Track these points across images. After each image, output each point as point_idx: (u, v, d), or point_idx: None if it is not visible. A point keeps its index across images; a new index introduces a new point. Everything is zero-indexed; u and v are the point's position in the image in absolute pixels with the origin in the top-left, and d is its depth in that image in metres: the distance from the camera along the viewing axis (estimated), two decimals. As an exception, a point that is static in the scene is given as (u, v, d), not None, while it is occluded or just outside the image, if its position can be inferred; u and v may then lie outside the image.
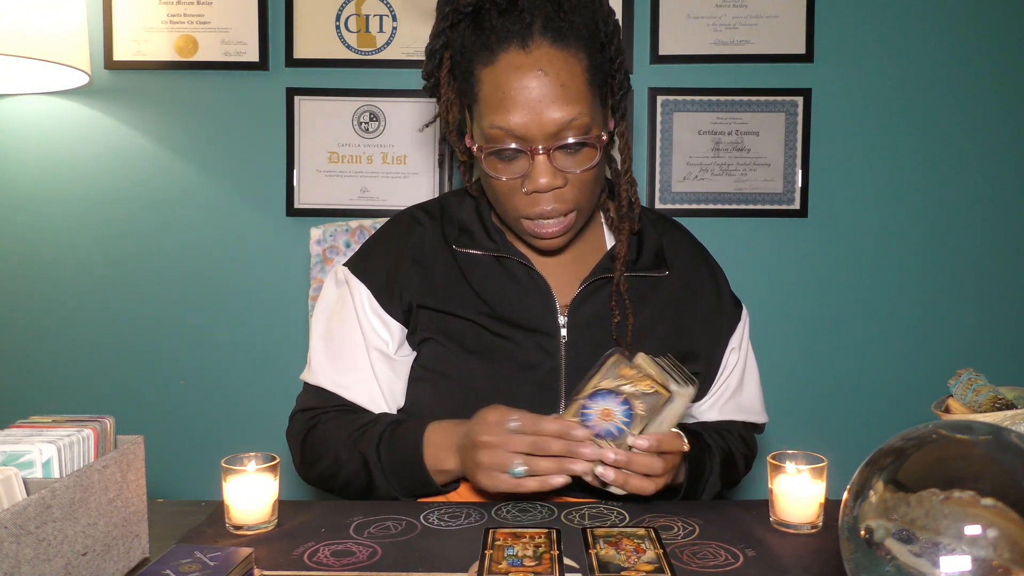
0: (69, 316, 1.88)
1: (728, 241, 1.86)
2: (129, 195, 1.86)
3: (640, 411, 0.81)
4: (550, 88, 0.84)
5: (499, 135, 0.86)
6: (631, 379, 0.81)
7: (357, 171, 1.85)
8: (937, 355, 1.88)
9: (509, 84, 0.85)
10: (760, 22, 1.82)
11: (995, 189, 1.86)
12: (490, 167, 0.90)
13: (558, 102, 0.84)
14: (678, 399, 0.82)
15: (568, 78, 0.85)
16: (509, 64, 0.85)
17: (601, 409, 0.82)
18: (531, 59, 0.84)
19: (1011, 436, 0.51)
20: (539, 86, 0.84)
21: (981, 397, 0.75)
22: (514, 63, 0.85)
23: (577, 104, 0.85)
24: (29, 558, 0.58)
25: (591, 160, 0.89)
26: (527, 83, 0.84)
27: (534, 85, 0.84)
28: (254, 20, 1.81)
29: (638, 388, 0.81)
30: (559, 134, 0.85)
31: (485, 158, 0.90)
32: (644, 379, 0.81)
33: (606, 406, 0.81)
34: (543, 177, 0.87)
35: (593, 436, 0.81)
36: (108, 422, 0.73)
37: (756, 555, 0.76)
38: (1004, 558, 0.46)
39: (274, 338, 1.88)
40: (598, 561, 0.72)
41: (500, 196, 0.92)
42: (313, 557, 0.74)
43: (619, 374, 0.81)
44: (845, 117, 1.85)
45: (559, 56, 0.85)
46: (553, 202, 0.89)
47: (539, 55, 0.84)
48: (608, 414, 0.81)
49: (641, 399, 0.81)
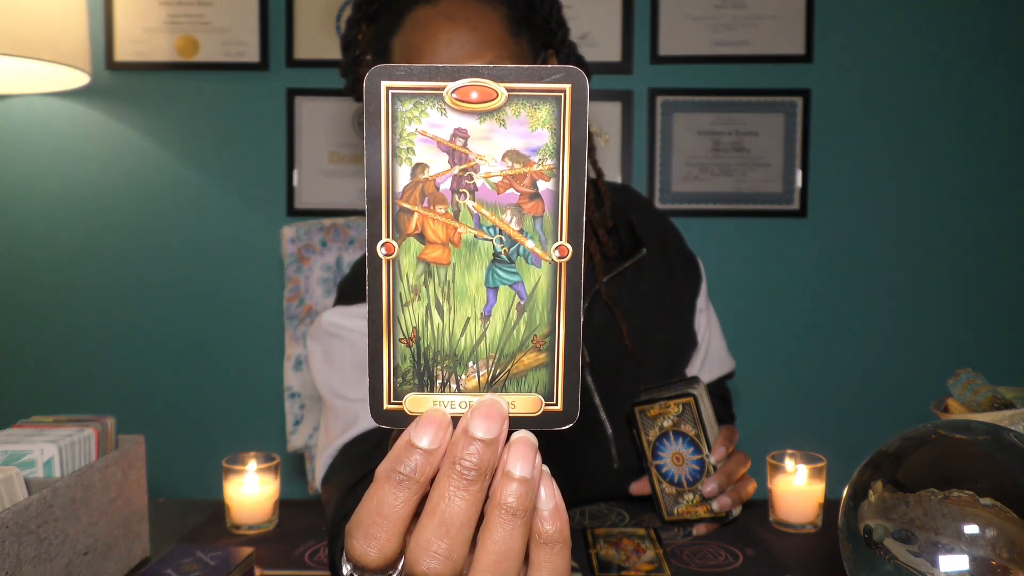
0: (70, 316, 1.88)
1: (727, 241, 1.86)
2: (130, 195, 1.86)
3: (691, 432, 0.83)
4: (458, 33, 0.79)
5: None
6: (661, 414, 0.84)
7: (358, 171, 1.85)
8: (936, 355, 1.88)
9: (417, 40, 0.80)
10: (759, 22, 1.82)
11: (995, 189, 1.86)
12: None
13: (469, 46, 0.78)
14: (700, 396, 0.84)
15: (480, 23, 0.80)
16: (415, 21, 0.81)
17: (671, 457, 0.85)
18: (436, 10, 0.80)
19: (1010, 436, 0.51)
20: (448, 34, 0.79)
21: (980, 397, 0.75)
22: (420, 18, 0.81)
23: (493, 47, 0.79)
24: (31, 557, 0.58)
25: None
26: (435, 33, 0.79)
27: (443, 35, 0.79)
28: (254, 20, 1.81)
29: (672, 414, 0.84)
30: None
31: None
32: (666, 406, 0.84)
33: (671, 452, 0.85)
34: None
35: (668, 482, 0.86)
36: (109, 422, 0.73)
37: (756, 555, 0.76)
38: (1003, 557, 0.47)
39: (275, 338, 1.88)
40: (598, 561, 0.72)
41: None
42: (313, 557, 0.74)
43: (651, 419, 0.85)
44: (844, 117, 1.85)
45: (469, 6, 0.80)
46: None
47: (446, 6, 0.80)
48: (679, 458, 0.84)
49: (683, 422, 0.83)
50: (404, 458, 0.31)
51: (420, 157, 0.32)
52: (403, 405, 0.33)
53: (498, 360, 0.33)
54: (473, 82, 0.31)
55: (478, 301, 0.33)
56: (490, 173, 0.32)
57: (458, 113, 0.32)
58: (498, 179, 0.32)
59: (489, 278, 0.33)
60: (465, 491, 0.30)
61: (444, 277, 0.32)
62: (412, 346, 0.33)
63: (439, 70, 0.31)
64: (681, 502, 0.84)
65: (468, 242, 0.32)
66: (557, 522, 0.32)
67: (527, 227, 0.32)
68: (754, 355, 1.81)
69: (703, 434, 0.83)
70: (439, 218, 0.32)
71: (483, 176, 0.32)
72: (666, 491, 0.85)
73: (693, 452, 0.83)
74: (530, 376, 0.33)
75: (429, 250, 0.32)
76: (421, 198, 0.32)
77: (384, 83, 0.31)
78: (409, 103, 0.31)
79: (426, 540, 0.30)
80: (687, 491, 0.84)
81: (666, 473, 0.85)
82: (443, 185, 0.32)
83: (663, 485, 0.85)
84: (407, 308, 0.33)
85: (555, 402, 0.33)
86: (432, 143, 0.32)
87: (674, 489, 0.85)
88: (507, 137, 0.32)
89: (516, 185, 0.32)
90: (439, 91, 0.31)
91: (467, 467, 0.30)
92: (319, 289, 1.27)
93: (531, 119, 0.32)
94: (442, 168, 0.32)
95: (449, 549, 0.30)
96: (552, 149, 0.32)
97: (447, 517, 0.30)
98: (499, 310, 0.33)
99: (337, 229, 1.28)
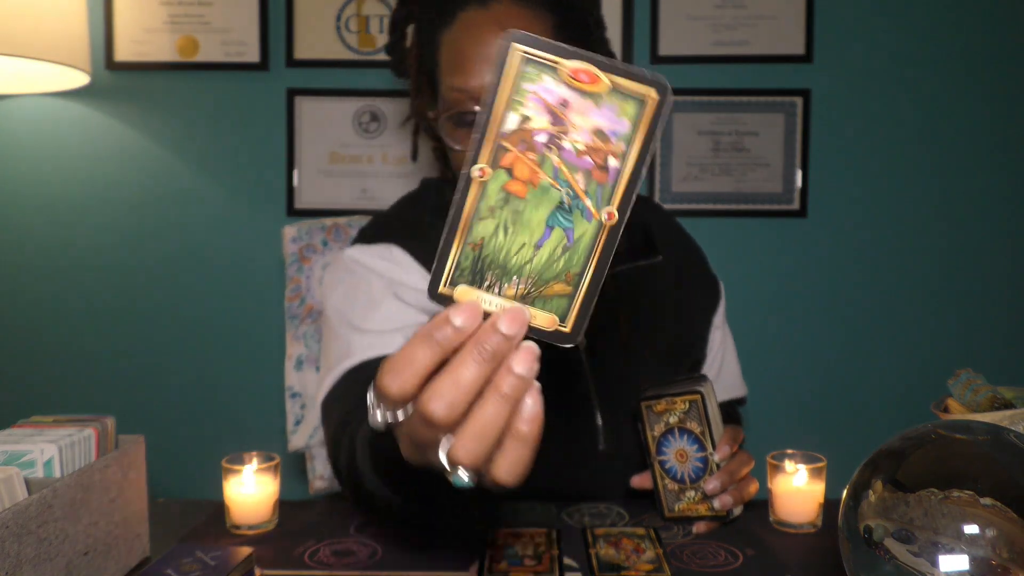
0: (69, 316, 1.88)
1: (727, 241, 1.86)
2: (130, 195, 1.86)
3: (697, 429, 0.84)
4: None
5: (458, 98, 0.83)
6: (667, 410, 0.85)
7: (357, 171, 1.85)
8: (936, 355, 1.88)
9: (467, 42, 0.82)
10: (759, 22, 1.82)
11: (995, 188, 1.86)
12: (449, 135, 0.86)
13: None
14: (708, 394, 0.84)
15: (529, 31, 0.82)
16: (467, 22, 0.82)
17: (675, 454, 0.85)
18: (490, 15, 0.82)
19: (1010, 436, 0.51)
20: (497, 40, 0.82)
21: (980, 397, 0.75)
22: (472, 21, 0.82)
23: None
24: (30, 557, 0.58)
25: None
26: (485, 39, 0.81)
27: (492, 41, 0.80)
28: (255, 21, 1.81)
29: (678, 411, 0.84)
30: None
31: (444, 125, 0.85)
32: (672, 402, 0.84)
33: (675, 449, 0.85)
34: None
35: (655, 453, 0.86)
36: (109, 422, 0.73)
37: (756, 555, 0.76)
38: (1003, 557, 0.47)
39: (275, 338, 1.88)
40: (598, 561, 0.72)
41: (459, 169, 0.91)
42: (313, 557, 0.74)
43: (657, 414, 0.85)
44: (844, 117, 1.85)
45: (520, 13, 0.82)
46: None
47: (498, 11, 0.82)
48: (683, 454, 0.85)
49: (689, 419, 0.84)
50: (440, 327, 0.39)
51: (528, 111, 0.39)
52: (453, 292, 0.41)
53: (536, 281, 0.41)
54: (587, 67, 0.38)
55: (536, 233, 0.41)
56: (577, 140, 0.39)
57: (567, 87, 0.39)
58: (581, 147, 0.40)
59: (550, 218, 0.41)
60: (478, 365, 0.39)
61: (517, 207, 0.40)
62: (476, 251, 0.41)
63: (564, 49, 0.38)
64: (683, 499, 0.84)
65: (544, 186, 0.40)
66: (531, 425, 0.40)
67: (591, 190, 0.40)
68: (754, 355, 1.81)
69: (708, 432, 0.83)
70: (528, 162, 0.40)
71: (571, 140, 0.39)
72: (668, 487, 0.85)
73: (697, 449, 0.83)
74: (555, 301, 0.41)
75: (513, 184, 0.40)
76: (519, 142, 0.40)
77: (519, 45, 0.38)
78: (533, 68, 0.38)
79: (439, 388, 0.39)
80: (689, 488, 0.84)
81: (669, 469, 0.85)
82: (538, 137, 0.40)
83: (665, 481, 0.85)
84: (482, 221, 0.40)
85: (566, 325, 0.41)
86: (541, 103, 0.39)
87: (676, 485, 0.85)
88: (598, 117, 0.39)
89: (593, 156, 0.40)
90: (558, 65, 0.38)
91: (485, 349, 0.39)
92: (320, 289, 1.27)
93: (620, 109, 0.39)
94: (543, 125, 0.39)
95: (453, 399, 0.39)
96: (628, 137, 0.39)
97: (459, 378, 0.39)
98: (549, 245, 0.41)
99: (339, 229, 1.29)
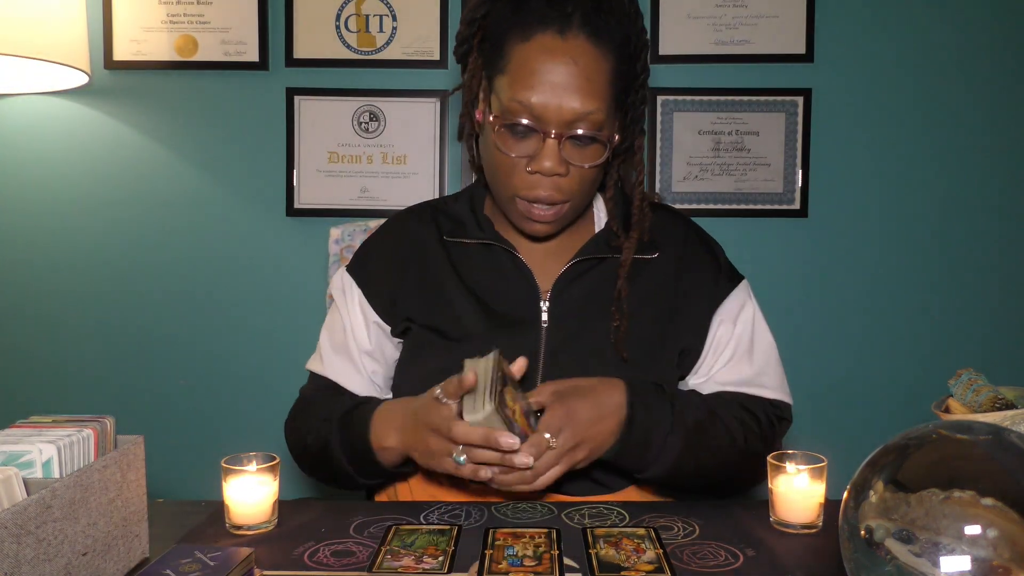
0: (69, 316, 1.88)
1: (728, 241, 1.83)
2: (129, 195, 1.86)
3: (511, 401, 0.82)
4: (576, 78, 0.87)
5: (518, 110, 0.88)
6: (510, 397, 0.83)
7: (357, 171, 1.85)
8: (937, 355, 1.88)
9: (539, 63, 0.87)
10: (760, 22, 1.82)
11: (995, 188, 1.86)
12: (501, 141, 0.91)
13: (580, 92, 0.87)
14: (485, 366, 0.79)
15: (595, 73, 0.88)
16: (543, 45, 0.87)
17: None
18: (566, 46, 0.87)
19: (1011, 436, 0.51)
20: (567, 72, 0.87)
21: (981, 397, 0.75)
22: (548, 45, 0.87)
23: (597, 100, 0.88)
24: (29, 558, 0.58)
25: (598, 157, 0.92)
26: (556, 66, 0.87)
27: (562, 70, 0.87)
28: (254, 20, 1.81)
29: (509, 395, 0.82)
30: (574, 123, 0.88)
31: (498, 131, 0.91)
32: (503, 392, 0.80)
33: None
34: (548, 160, 0.89)
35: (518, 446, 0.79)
36: (108, 422, 0.73)
37: (756, 555, 0.76)
38: (1004, 558, 0.46)
39: (273, 338, 1.88)
40: (598, 561, 0.72)
41: (501, 172, 0.94)
42: (313, 557, 0.74)
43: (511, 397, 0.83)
44: (845, 117, 1.85)
45: (591, 51, 0.88)
46: (551, 188, 0.92)
47: (574, 44, 0.87)
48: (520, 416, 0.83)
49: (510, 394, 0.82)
50: (456, 446, 0.58)
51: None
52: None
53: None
54: None
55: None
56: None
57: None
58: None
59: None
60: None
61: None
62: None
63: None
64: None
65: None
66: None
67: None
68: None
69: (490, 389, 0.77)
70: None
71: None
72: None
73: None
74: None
75: None
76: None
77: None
78: None
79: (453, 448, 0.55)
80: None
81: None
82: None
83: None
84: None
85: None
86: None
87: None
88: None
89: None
90: None
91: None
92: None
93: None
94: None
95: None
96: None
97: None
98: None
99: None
